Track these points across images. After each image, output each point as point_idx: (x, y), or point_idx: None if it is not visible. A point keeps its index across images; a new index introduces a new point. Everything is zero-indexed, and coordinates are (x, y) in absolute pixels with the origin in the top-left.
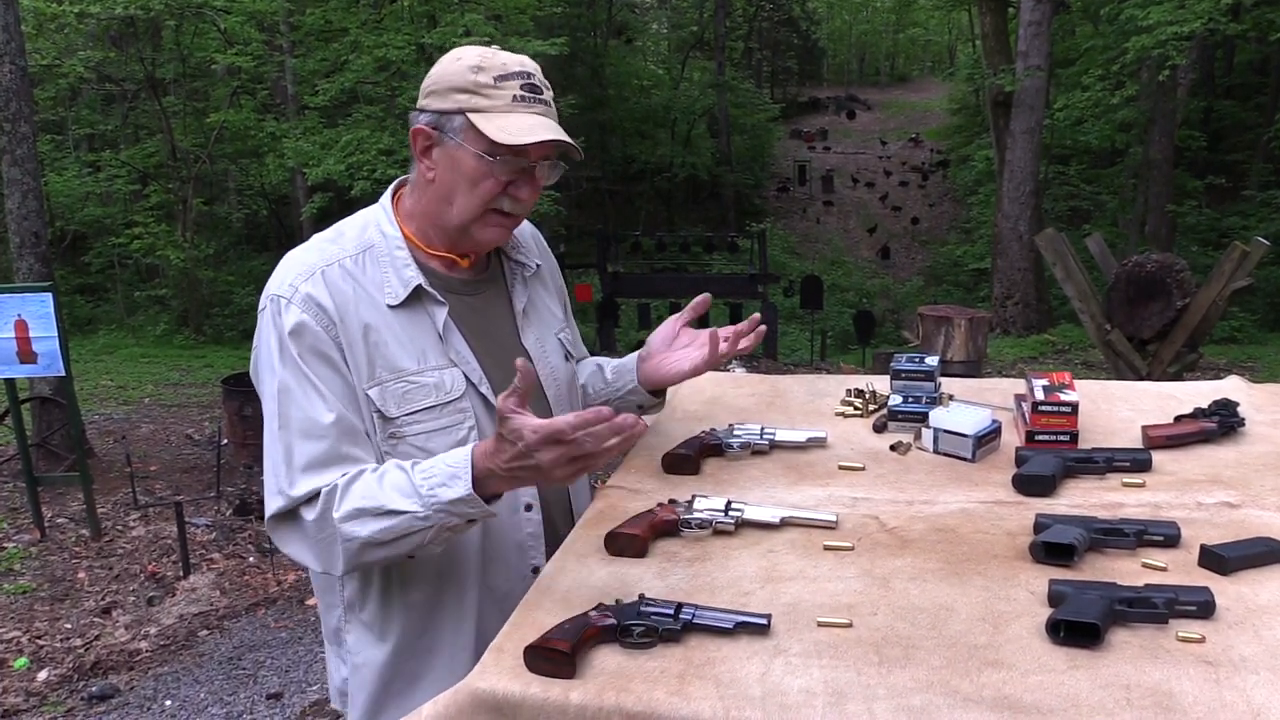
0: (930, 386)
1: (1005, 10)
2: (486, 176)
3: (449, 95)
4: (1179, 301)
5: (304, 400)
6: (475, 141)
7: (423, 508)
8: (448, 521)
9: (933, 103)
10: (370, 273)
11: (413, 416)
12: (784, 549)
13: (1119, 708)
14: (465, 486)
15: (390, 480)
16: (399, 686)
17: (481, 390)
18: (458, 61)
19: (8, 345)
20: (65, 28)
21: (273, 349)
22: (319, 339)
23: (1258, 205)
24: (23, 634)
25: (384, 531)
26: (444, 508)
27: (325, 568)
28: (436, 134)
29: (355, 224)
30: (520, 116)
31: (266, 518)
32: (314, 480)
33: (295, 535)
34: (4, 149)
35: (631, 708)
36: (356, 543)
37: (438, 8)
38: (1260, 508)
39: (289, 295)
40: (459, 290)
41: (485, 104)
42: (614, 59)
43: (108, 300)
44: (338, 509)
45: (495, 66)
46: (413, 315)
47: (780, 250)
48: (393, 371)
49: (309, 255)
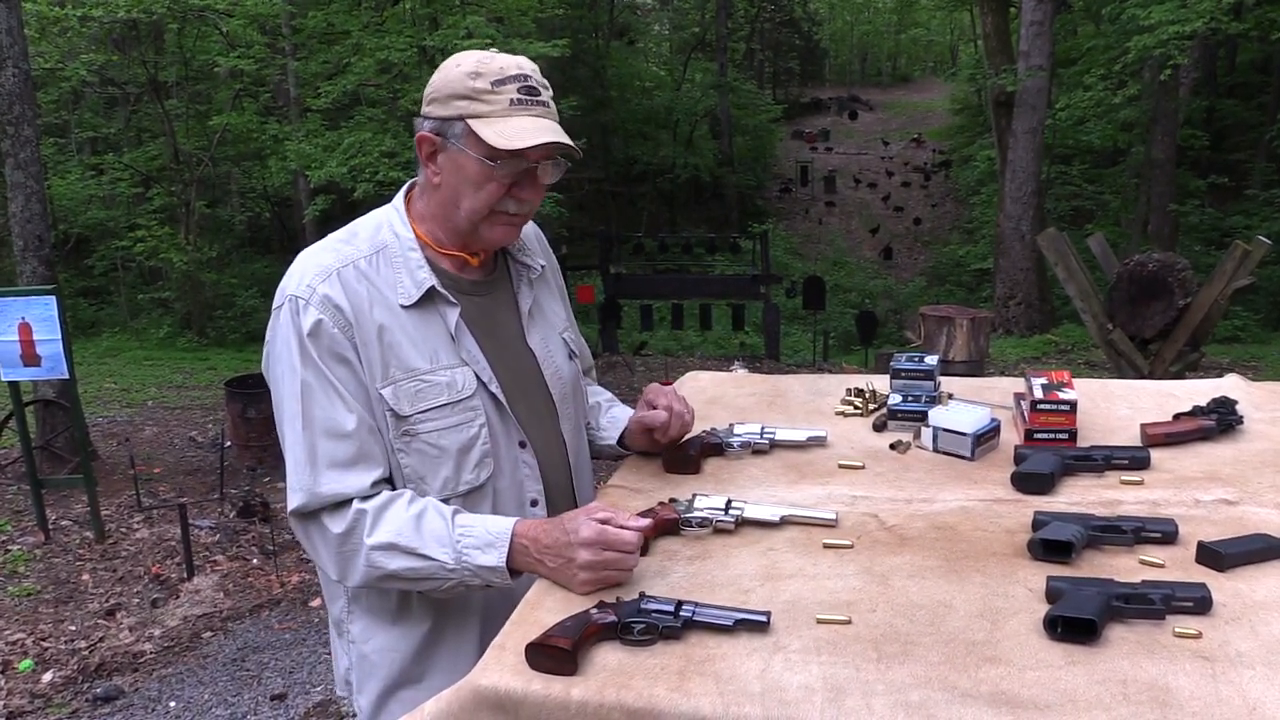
0: (930, 385)
1: (1007, 10)
2: (489, 180)
3: (449, 102)
4: (1181, 301)
5: (326, 401)
6: (476, 147)
7: (454, 561)
8: (470, 580)
9: (935, 103)
10: (384, 273)
11: (425, 414)
12: (784, 547)
13: (1116, 703)
14: (499, 557)
15: (429, 525)
16: (403, 677)
17: (491, 389)
18: (456, 68)
19: (11, 348)
20: (68, 31)
21: (293, 348)
22: (335, 340)
23: (1260, 204)
24: (27, 636)
25: (410, 570)
26: (473, 569)
27: (339, 577)
28: (440, 140)
29: (369, 224)
30: (519, 119)
31: (290, 510)
32: (340, 480)
33: (318, 538)
34: (7, 152)
35: (632, 704)
36: (381, 571)
37: (439, 10)
38: (1258, 504)
39: (307, 296)
40: (469, 291)
41: (484, 109)
42: (616, 60)
43: (111, 303)
44: (370, 534)
45: (493, 71)
46: (425, 315)
47: (782, 251)
48: (406, 371)
49: (325, 256)
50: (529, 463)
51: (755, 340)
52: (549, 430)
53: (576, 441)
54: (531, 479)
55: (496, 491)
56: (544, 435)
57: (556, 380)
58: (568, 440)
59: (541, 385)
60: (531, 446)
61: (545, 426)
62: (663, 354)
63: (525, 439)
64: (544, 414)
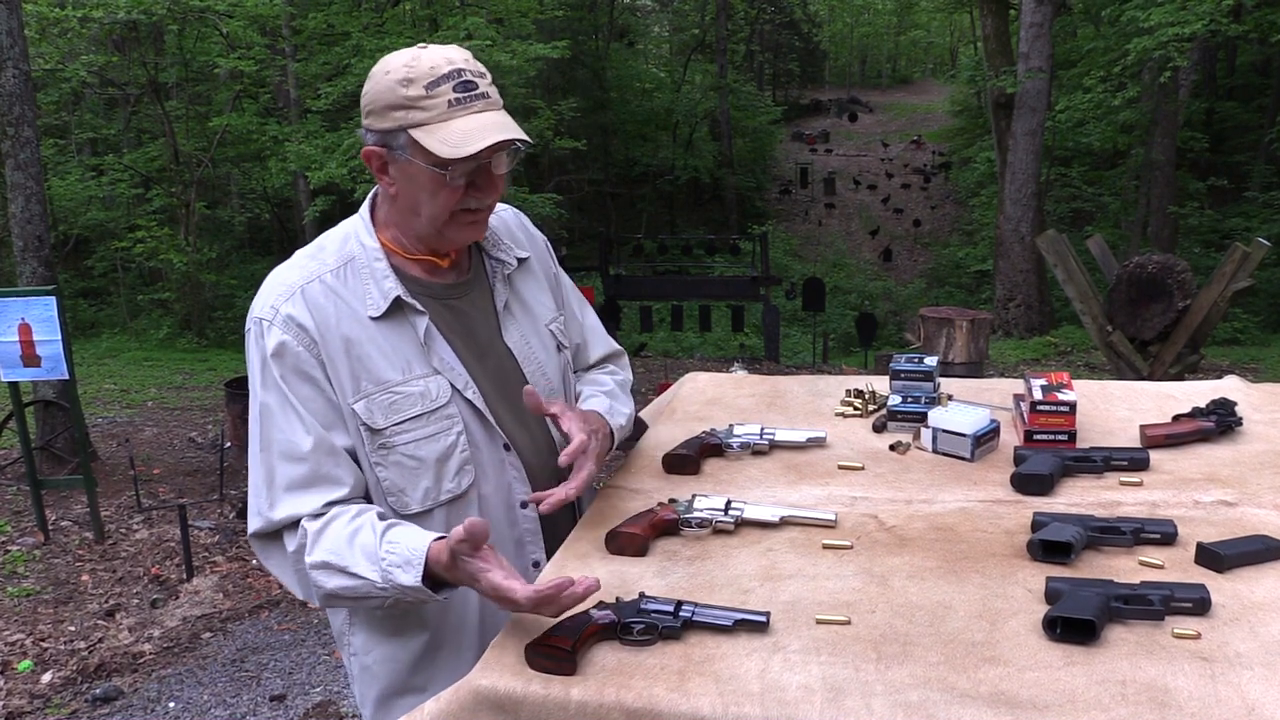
0: (929, 386)
1: (1007, 12)
2: (442, 186)
3: (386, 114)
4: (1180, 303)
5: (284, 423)
6: (423, 156)
7: (381, 579)
8: (402, 596)
9: (934, 105)
10: (352, 285)
11: (400, 426)
12: (783, 548)
13: (1115, 703)
14: (415, 577)
15: (360, 542)
16: (405, 684)
17: (467, 395)
18: (386, 75)
19: (11, 349)
20: (68, 32)
21: (256, 372)
22: (300, 359)
23: (1260, 206)
24: (26, 636)
25: (346, 589)
26: (398, 586)
27: (303, 597)
28: (386, 152)
29: (336, 237)
30: (461, 121)
31: (249, 534)
32: (294, 503)
33: (278, 557)
34: (7, 153)
35: (632, 704)
36: (323, 590)
37: (439, 11)
38: (1257, 506)
39: (270, 317)
40: (441, 295)
41: (422, 116)
42: (615, 62)
43: (110, 304)
44: (310, 553)
45: (423, 73)
46: (395, 326)
47: (782, 252)
48: (377, 384)
49: (290, 274)
50: (516, 465)
51: (755, 342)
52: (535, 430)
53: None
54: (519, 481)
55: (482, 497)
56: (530, 436)
57: (540, 377)
58: (557, 439)
59: (523, 384)
60: (516, 449)
61: (531, 427)
62: (662, 355)
63: (509, 442)
64: (529, 414)
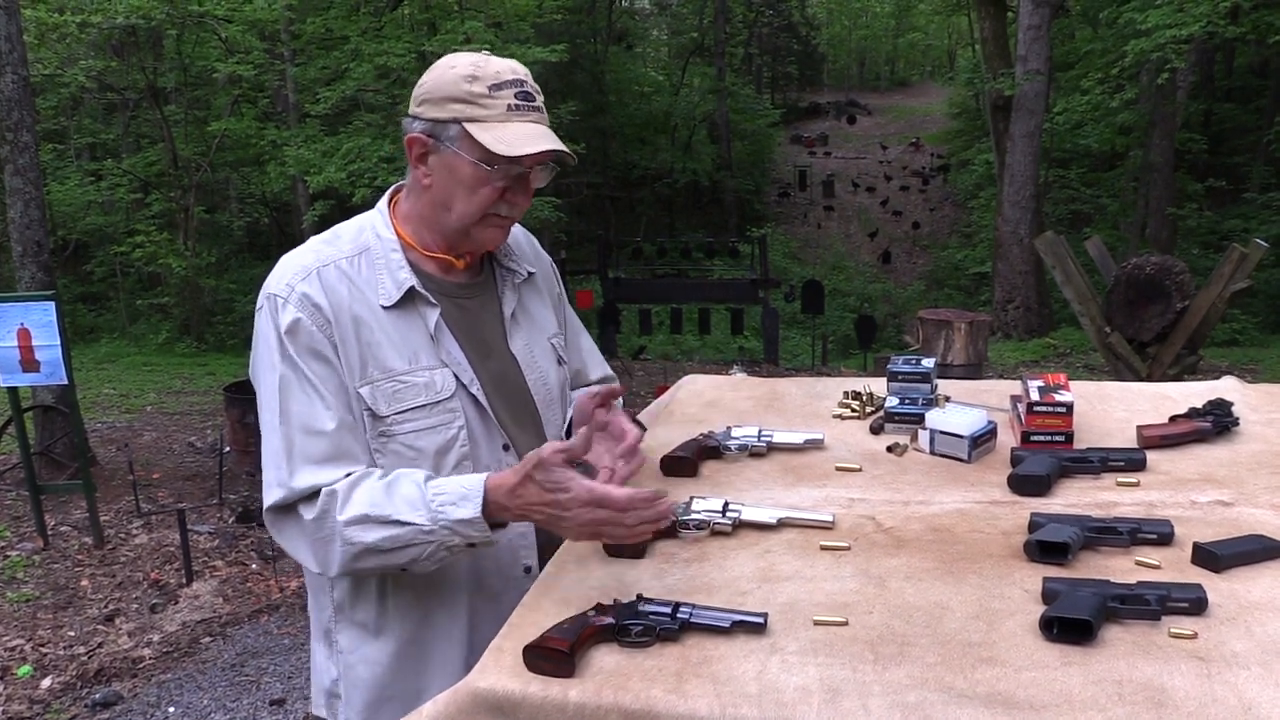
0: (926, 388)
1: (1004, 14)
2: (484, 184)
3: (444, 105)
4: (1178, 304)
5: (304, 397)
6: (472, 150)
7: (429, 522)
8: (449, 540)
9: (933, 107)
10: (365, 274)
11: (403, 415)
12: (781, 549)
13: (1111, 703)
14: (475, 509)
15: (401, 491)
16: (393, 687)
17: (472, 391)
18: (451, 70)
19: (10, 354)
20: (67, 37)
21: (272, 345)
22: (314, 337)
23: (1258, 208)
24: (26, 642)
25: (387, 540)
26: (450, 525)
27: (320, 568)
28: (432, 142)
29: (351, 227)
30: (516, 125)
31: (264, 509)
32: (315, 475)
33: (293, 530)
34: (6, 158)
35: (629, 706)
36: (359, 547)
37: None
38: (1253, 506)
39: (285, 294)
40: (452, 293)
41: (481, 114)
42: (614, 65)
43: (110, 309)
44: (341, 512)
45: (489, 75)
46: (406, 316)
47: (781, 255)
48: (384, 371)
49: (305, 257)
50: (513, 465)
51: (754, 344)
52: (533, 436)
53: None
54: None
55: None
56: (528, 440)
57: (540, 386)
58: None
59: (524, 390)
60: (515, 450)
61: (529, 432)
62: (661, 358)
63: (509, 442)
64: (527, 419)
